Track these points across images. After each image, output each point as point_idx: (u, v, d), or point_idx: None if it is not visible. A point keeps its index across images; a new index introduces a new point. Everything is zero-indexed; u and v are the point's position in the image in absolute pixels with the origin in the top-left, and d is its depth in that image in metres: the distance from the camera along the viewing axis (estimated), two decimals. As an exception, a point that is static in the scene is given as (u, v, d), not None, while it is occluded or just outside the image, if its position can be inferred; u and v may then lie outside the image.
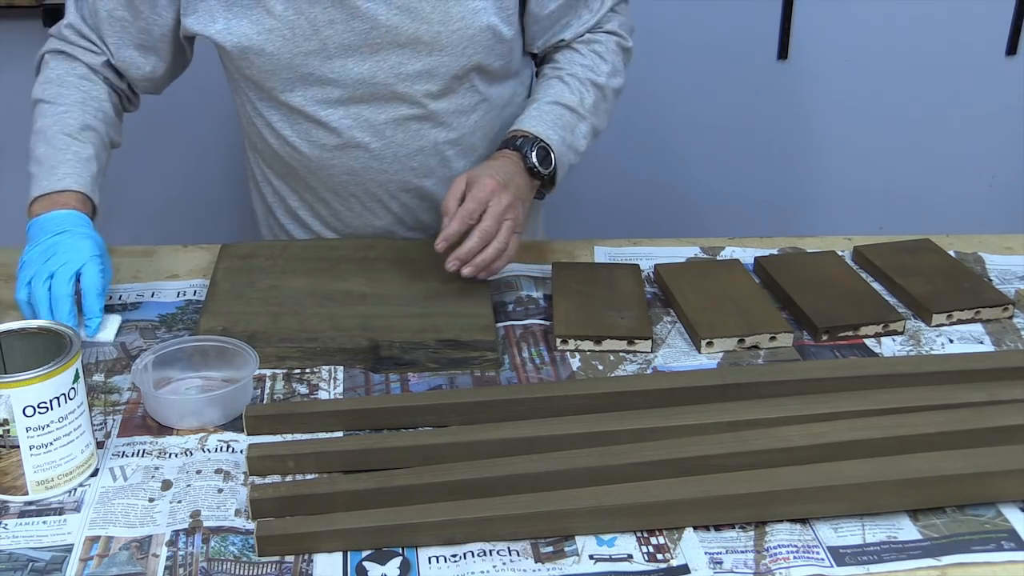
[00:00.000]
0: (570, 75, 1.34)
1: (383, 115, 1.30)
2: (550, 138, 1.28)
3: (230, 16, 1.25)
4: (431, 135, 1.33)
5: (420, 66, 1.27)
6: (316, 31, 1.24)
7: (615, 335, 1.19)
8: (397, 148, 1.33)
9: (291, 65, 1.26)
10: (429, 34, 1.25)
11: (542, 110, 1.31)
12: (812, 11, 2.36)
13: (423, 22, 1.24)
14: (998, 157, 2.56)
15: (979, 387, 1.07)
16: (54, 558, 0.88)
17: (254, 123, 1.36)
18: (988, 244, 1.46)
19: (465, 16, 1.25)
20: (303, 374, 1.14)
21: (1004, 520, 0.94)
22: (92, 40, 1.32)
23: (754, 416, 1.02)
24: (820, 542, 0.91)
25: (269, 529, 0.89)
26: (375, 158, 1.33)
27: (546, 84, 1.35)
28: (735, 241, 1.46)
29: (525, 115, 1.31)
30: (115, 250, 1.41)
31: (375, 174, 1.35)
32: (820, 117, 2.48)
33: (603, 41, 1.37)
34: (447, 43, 1.26)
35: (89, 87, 1.31)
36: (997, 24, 2.43)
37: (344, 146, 1.32)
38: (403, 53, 1.26)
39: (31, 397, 0.91)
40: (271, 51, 1.25)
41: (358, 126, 1.31)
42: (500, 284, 1.32)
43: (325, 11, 1.23)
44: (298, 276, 1.27)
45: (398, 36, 1.25)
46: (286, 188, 1.42)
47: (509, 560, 0.89)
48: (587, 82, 1.34)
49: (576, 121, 1.32)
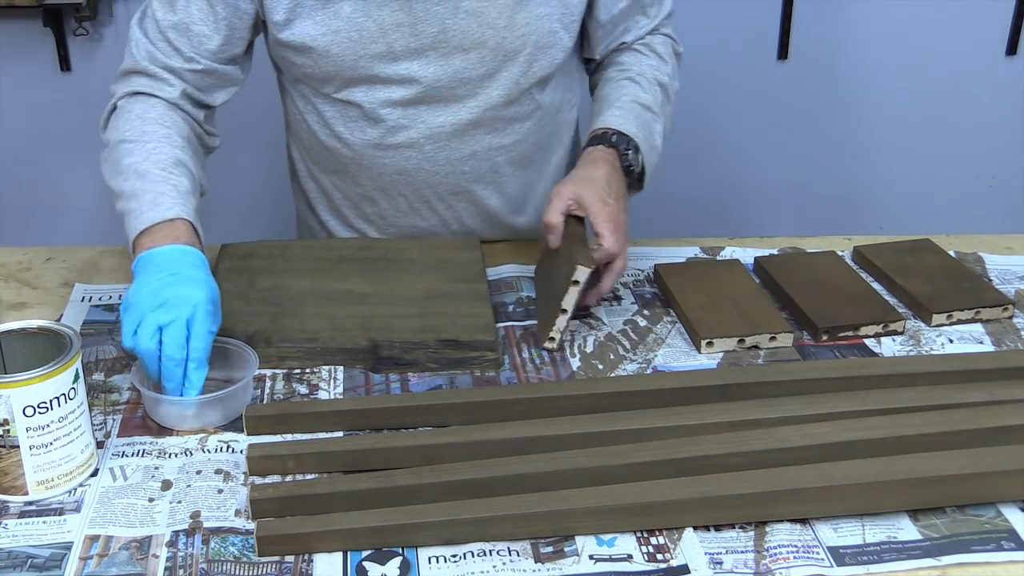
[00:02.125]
0: (639, 75, 1.34)
1: (440, 118, 1.30)
2: (636, 136, 1.28)
3: (292, 17, 1.24)
4: (485, 140, 1.33)
5: (483, 71, 1.27)
6: (383, 34, 1.23)
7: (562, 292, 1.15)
8: (451, 152, 1.33)
9: (355, 67, 1.26)
10: (494, 39, 1.25)
11: (625, 108, 1.30)
12: (812, 11, 2.36)
13: (489, 27, 1.24)
14: (998, 157, 2.57)
15: (979, 387, 1.07)
16: (53, 555, 0.88)
17: (305, 118, 1.36)
18: (988, 244, 1.46)
19: (530, 22, 1.25)
20: (303, 374, 1.14)
21: (1004, 520, 0.94)
22: (162, 74, 1.26)
23: (754, 416, 1.02)
24: (820, 542, 0.91)
25: (269, 529, 0.89)
26: (428, 160, 1.33)
27: (617, 85, 1.34)
28: (735, 241, 1.46)
29: (608, 112, 1.30)
30: (115, 250, 1.41)
31: (426, 175, 1.35)
32: (820, 117, 2.48)
33: (662, 43, 1.39)
34: (511, 48, 1.26)
35: (172, 122, 1.24)
36: (997, 24, 2.43)
37: (398, 146, 1.32)
38: (467, 58, 1.26)
39: (31, 397, 0.91)
40: (336, 52, 1.24)
41: (414, 127, 1.31)
42: (500, 284, 1.32)
43: (393, 14, 1.22)
44: (298, 276, 1.27)
45: (463, 41, 1.24)
46: (332, 185, 1.42)
47: (509, 560, 0.89)
48: (655, 82, 1.35)
49: (653, 120, 1.32)
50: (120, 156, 1.19)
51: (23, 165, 2.31)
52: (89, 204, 2.36)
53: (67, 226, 2.34)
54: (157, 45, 1.26)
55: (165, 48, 1.26)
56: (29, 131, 2.28)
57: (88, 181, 2.34)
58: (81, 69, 2.25)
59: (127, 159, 1.18)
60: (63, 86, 2.25)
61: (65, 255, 1.39)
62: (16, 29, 2.19)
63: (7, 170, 2.30)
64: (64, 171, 2.33)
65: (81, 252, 1.40)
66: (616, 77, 1.36)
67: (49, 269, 1.36)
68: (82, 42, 2.22)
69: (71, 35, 2.20)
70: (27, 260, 1.38)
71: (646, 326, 1.25)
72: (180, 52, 1.26)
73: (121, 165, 1.18)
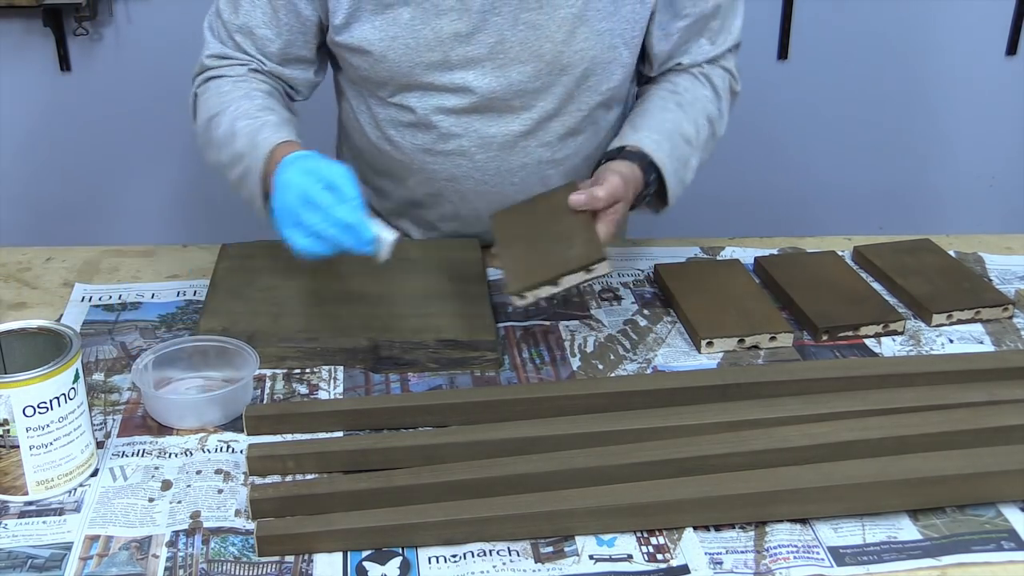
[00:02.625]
0: (689, 104, 1.30)
1: (493, 128, 1.29)
2: (666, 168, 1.23)
3: (351, 20, 1.24)
4: (536, 153, 1.32)
5: (539, 84, 1.25)
6: (440, 42, 1.22)
7: (569, 270, 1.11)
8: (501, 162, 1.32)
9: (410, 73, 1.25)
10: (552, 53, 1.23)
11: (664, 134, 1.26)
12: (812, 11, 2.36)
13: (547, 40, 1.22)
14: (998, 157, 2.57)
15: (979, 387, 1.07)
16: (53, 555, 0.89)
17: (358, 119, 1.35)
18: (988, 244, 1.46)
19: (590, 37, 1.23)
20: (303, 374, 1.14)
21: (1004, 520, 0.94)
22: (238, 55, 1.29)
23: (754, 416, 1.02)
24: (820, 542, 0.91)
25: (269, 529, 0.89)
26: (478, 168, 1.32)
27: (663, 106, 1.29)
28: (735, 241, 1.46)
29: (647, 133, 1.25)
30: (116, 250, 1.41)
31: (475, 184, 1.34)
32: (820, 117, 2.48)
33: (721, 76, 1.34)
34: (569, 63, 1.24)
35: (247, 84, 1.27)
36: (997, 24, 2.43)
37: (449, 152, 1.31)
38: (524, 71, 1.24)
39: (31, 397, 0.91)
40: (392, 58, 1.24)
41: (467, 135, 1.29)
42: (500, 284, 1.32)
43: (452, 23, 1.21)
44: (298, 276, 1.27)
45: (521, 53, 1.23)
46: (380, 187, 1.42)
47: (509, 560, 0.89)
48: (703, 114, 1.30)
49: (690, 154, 1.28)
50: (211, 131, 1.24)
51: (23, 165, 2.31)
52: (89, 204, 2.36)
53: (67, 226, 2.34)
54: (227, 44, 1.29)
55: (233, 48, 1.29)
56: (29, 131, 2.28)
57: (88, 181, 2.35)
58: (81, 69, 2.25)
59: (214, 132, 1.23)
60: (63, 86, 2.25)
61: (65, 255, 1.39)
62: (16, 29, 2.19)
63: (7, 170, 2.30)
64: (64, 171, 2.33)
65: (81, 252, 1.40)
66: (665, 96, 1.31)
67: (49, 269, 1.36)
68: (82, 42, 2.22)
69: (71, 35, 2.20)
70: (27, 260, 1.38)
71: (646, 326, 1.25)
72: (247, 52, 1.29)
73: (214, 141, 1.24)
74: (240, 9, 1.26)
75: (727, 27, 1.33)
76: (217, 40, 1.30)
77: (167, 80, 2.23)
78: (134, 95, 2.26)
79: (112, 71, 2.25)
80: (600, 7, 1.22)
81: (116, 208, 2.37)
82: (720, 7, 1.30)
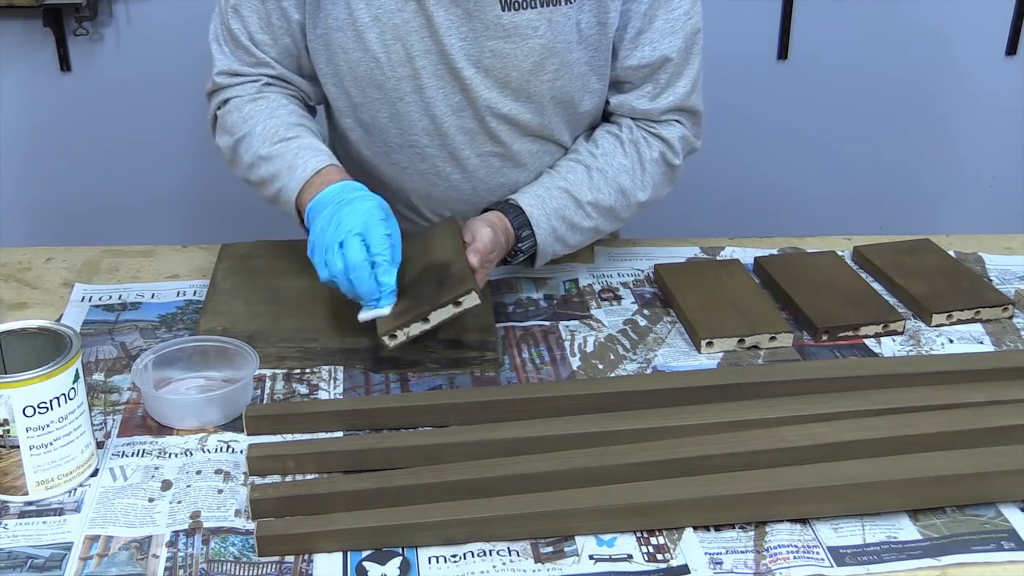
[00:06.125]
0: (599, 170, 1.28)
1: (467, 149, 1.28)
2: (540, 227, 1.23)
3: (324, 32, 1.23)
4: (512, 174, 1.31)
5: (509, 109, 1.25)
6: (410, 60, 1.22)
7: (437, 305, 1.09)
8: (477, 182, 1.31)
9: (382, 88, 1.24)
10: (518, 81, 1.22)
11: (551, 195, 1.25)
12: (812, 11, 2.36)
13: (514, 69, 1.21)
14: (998, 157, 2.57)
15: (979, 387, 1.07)
16: (53, 555, 0.89)
17: (344, 134, 1.34)
18: (988, 244, 1.46)
19: (560, 68, 1.22)
20: (303, 374, 1.14)
21: (1004, 520, 0.94)
22: (248, 70, 1.28)
23: (754, 416, 1.02)
24: (820, 542, 0.91)
25: (269, 529, 0.89)
26: (454, 188, 1.32)
27: (570, 167, 1.29)
28: (735, 241, 1.46)
29: (532, 191, 1.26)
30: (116, 250, 1.41)
31: (453, 203, 1.33)
32: (820, 117, 2.48)
33: (651, 147, 1.30)
34: (536, 92, 1.23)
35: (266, 101, 1.26)
36: (997, 24, 2.43)
37: (424, 172, 1.31)
38: (490, 97, 1.23)
39: (31, 397, 0.91)
40: (362, 77, 1.24)
41: (440, 156, 1.29)
42: (500, 285, 1.32)
43: (422, 40, 1.20)
44: (298, 276, 1.27)
45: (486, 79, 1.22)
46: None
47: (509, 560, 0.89)
48: (614, 184, 1.28)
49: (581, 220, 1.27)
50: (242, 153, 1.24)
51: (23, 165, 2.31)
52: (89, 204, 2.36)
53: (67, 226, 2.34)
54: (234, 56, 1.27)
55: (241, 61, 1.27)
56: (29, 131, 2.28)
57: (88, 181, 2.35)
58: (81, 69, 2.25)
59: (246, 155, 1.24)
60: (63, 86, 2.25)
61: (65, 255, 1.39)
62: (16, 29, 2.19)
63: (7, 170, 2.30)
64: (64, 171, 2.33)
65: (81, 252, 1.40)
66: (580, 158, 1.29)
67: (49, 269, 1.36)
68: (82, 42, 2.22)
69: (71, 35, 2.20)
70: (27, 260, 1.38)
71: (646, 326, 1.25)
72: (255, 59, 1.27)
73: (245, 163, 1.24)
74: (240, 16, 1.25)
75: (672, 85, 1.28)
76: (224, 55, 1.28)
77: (167, 80, 2.24)
78: (134, 95, 2.26)
79: (112, 71, 2.25)
80: (567, 37, 1.21)
81: (116, 208, 2.37)
82: (669, 61, 1.26)
